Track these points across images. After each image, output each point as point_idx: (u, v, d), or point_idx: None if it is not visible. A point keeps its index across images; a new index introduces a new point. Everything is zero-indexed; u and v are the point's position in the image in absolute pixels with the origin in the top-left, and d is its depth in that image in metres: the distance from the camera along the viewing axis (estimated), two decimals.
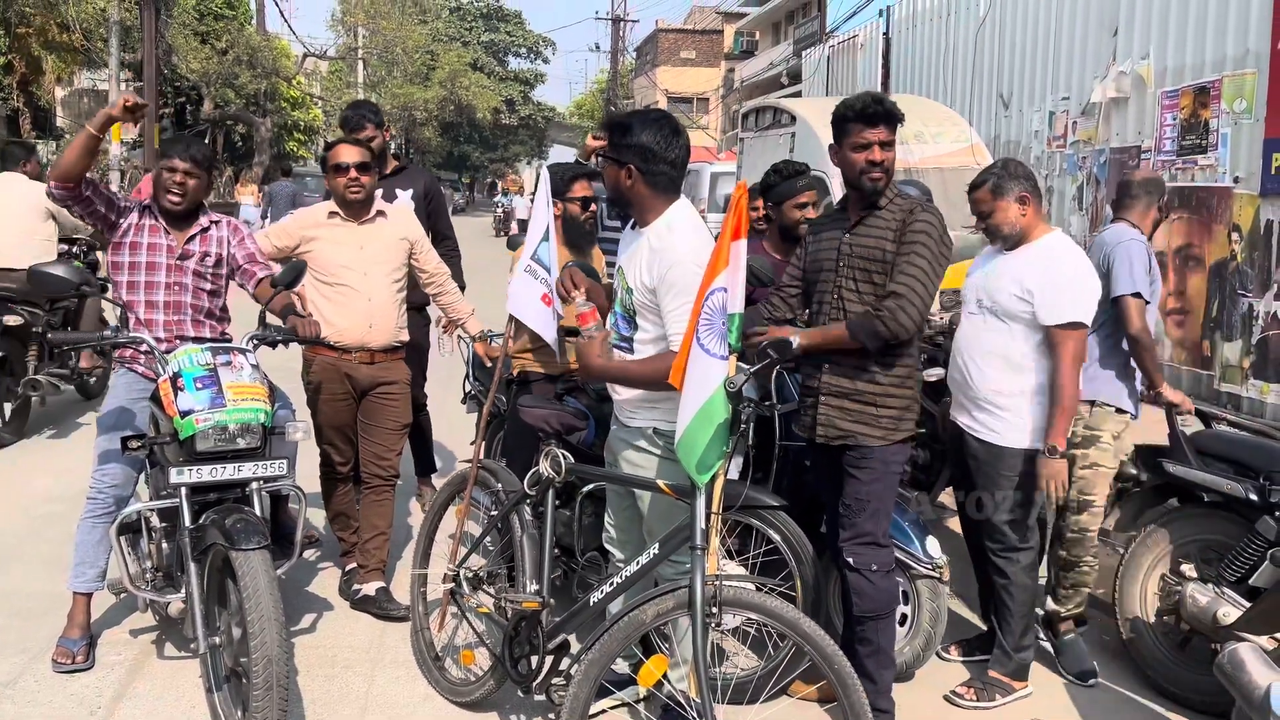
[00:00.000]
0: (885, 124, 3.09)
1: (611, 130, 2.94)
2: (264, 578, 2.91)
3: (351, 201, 3.98)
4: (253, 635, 2.85)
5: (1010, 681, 3.54)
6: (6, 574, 4.40)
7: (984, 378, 3.50)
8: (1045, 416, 3.39)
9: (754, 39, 40.69)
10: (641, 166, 2.87)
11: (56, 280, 3.34)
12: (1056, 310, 3.35)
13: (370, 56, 33.84)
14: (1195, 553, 3.62)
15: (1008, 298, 3.44)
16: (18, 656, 3.66)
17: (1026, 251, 3.48)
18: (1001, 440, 3.46)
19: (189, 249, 3.66)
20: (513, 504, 3.28)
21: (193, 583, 3.12)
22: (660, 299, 2.85)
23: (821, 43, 18.83)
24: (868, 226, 3.13)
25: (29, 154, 7.04)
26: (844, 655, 2.55)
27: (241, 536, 2.95)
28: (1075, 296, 3.37)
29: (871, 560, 3.16)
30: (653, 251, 2.88)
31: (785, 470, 3.74)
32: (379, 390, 4.09)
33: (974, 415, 3.54)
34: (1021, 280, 3.42)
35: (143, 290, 3.62)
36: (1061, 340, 3.34)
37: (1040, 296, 3.36)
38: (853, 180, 3.15)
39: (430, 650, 3.60)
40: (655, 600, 2.63)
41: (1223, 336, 7.68)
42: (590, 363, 2.93)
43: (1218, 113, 7.77)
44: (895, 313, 2.98)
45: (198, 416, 3.13)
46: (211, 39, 24.12)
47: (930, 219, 3.05)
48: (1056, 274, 3.39)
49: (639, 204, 2.94)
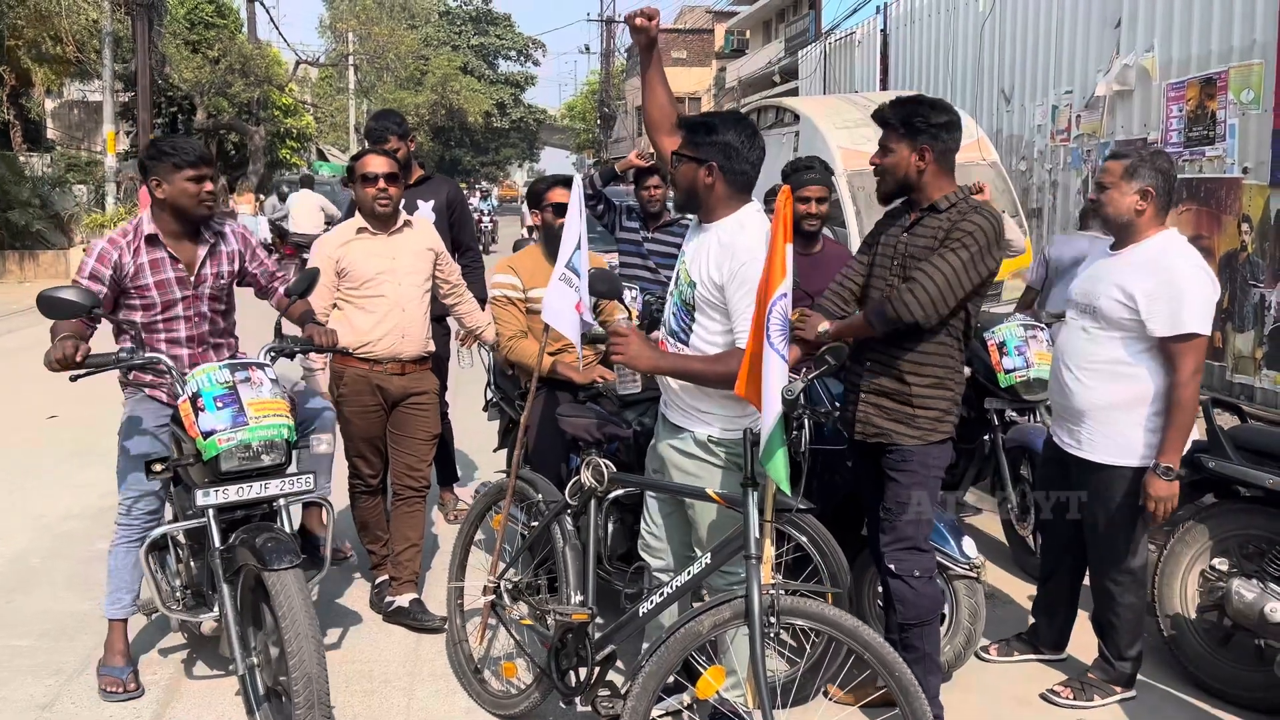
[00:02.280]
0: (883, 128, 3.13)
1: (693, 129, 2.94)
2: (298, 596, 2.88)
3: (380, 213, 3.96)
4: (291, 655, 2.83)
5: (1107, 684, 3.53)
6: (33, 595, 4.36)
7: (1085, 390, 3.40)
8: (1150, 431, 3.27)
9: (744, 38, 40.67)
10: (723, 165, 2.88)
11: (67, 304, 3.14)
12: (1172, 320, 3.17)
13: (361, 62, 33.79)
14: (1235, 548, 3.60)
15: (1109, 302, 3.29)
16: (51, 678, 3.63)
17: (1133, 253, 3.32)
18: (1104, 458, 3.37)
19: (202, 274, 3.51)
20: (554, 514, 3.26)
21: (226, 604, 3.09)
22: (730, 295, 2.83)
23: (818, 40, 18.82)
24: (925, 226, 3.09)
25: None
26: (904, 662, 2.53)
27: (273, 556, 2.92)
28: (1192, 305, 3.17)
29: (914, 566, 3.13)
30: (723, 247, 2.87)
31: (815, 473, 3.73)
32: (410, 401, 4.07)
33: (1075, 431, 3.45)
34: (1124, 284, 3.26)
35: (161, 329, 3.46)
36: (1181, 353, 3.17)
37: (1150, 304, 3.20)
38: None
39: (470, 663, 3.58)
40: (711, 611, 2.60)
41: (1234, 328, 7.68)
42: (640, 352, 2.91)
43: (1224, 104, 7.77)
44: (904, 295, 2.96)
45: (220, 436, 3.07)
46: (203, 48, 24.05)
47: (980, 221, 3.00)
48: (1168, 280, 3.19)
49: (713, 202, 2.93)
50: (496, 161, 63.80)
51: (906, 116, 3.06)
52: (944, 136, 3.06)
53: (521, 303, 4.19)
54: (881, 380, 3.13)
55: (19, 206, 16.45)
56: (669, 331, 3.05)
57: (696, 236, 3.01)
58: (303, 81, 31.68)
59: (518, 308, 4.20)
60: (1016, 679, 3.73)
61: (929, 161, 3.06)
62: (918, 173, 3.07)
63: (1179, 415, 3.21)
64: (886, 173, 3.14)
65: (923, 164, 3.06)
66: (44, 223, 16.91)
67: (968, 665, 3.70)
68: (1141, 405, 3.30)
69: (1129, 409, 3.32)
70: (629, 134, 51.72)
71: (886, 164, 3.13)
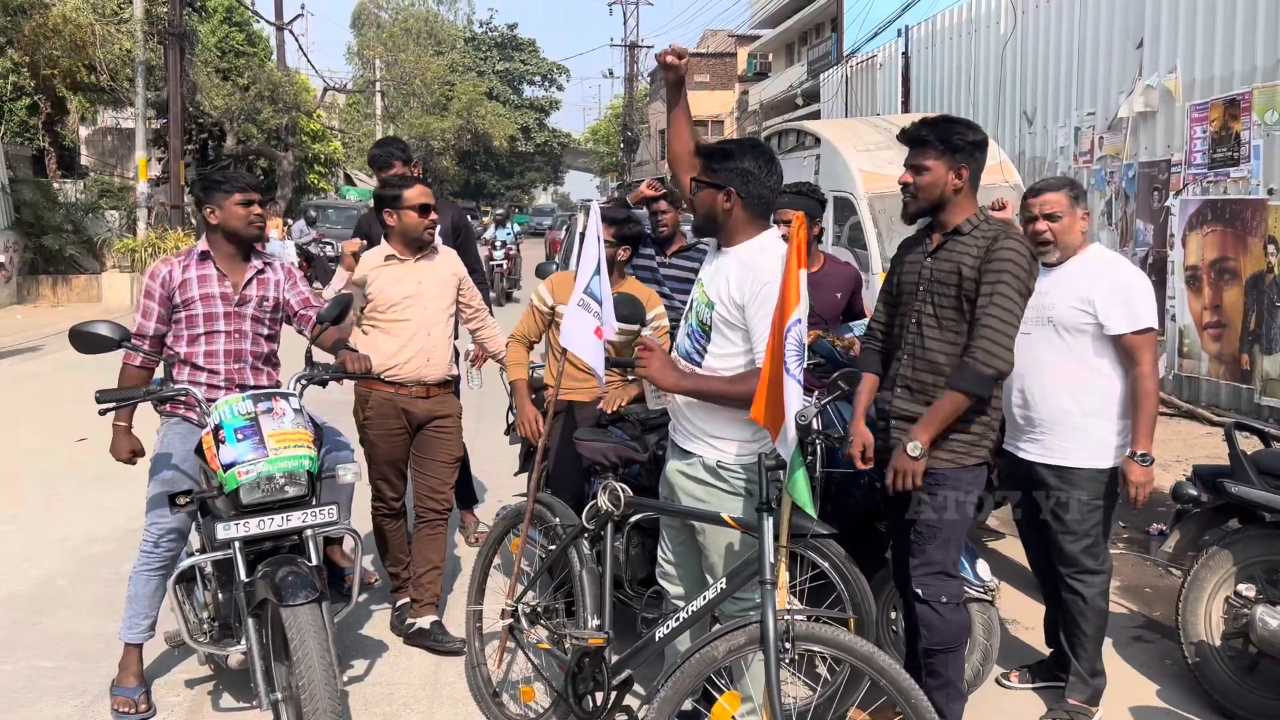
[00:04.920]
0: (916, 146, 3.11)
1: (710, 156, 2.99)
2: (312, 637, 2.86)
3: (427, 241, 4.05)
4: (303, 691, 2.82)
5: (1087, 706, 3.50)
6: (58, 617, 4.42)
7: (1048, 397, 3.45)
8: (1116, 432, 3.38)
9: (767, 61, 40.85)
10: (741, 190, 2.92)
11: (99, 340, 3.23)
12: (1130, 317, 3.33)
13: (388, 88, 34.22)
14: (1261, 574, 3.56)
15: (1067, 311, 3.40)
16: (76, 700, 3.67)
17: (1075, 265, 3.46)
18: (1074, 462, 3.41)
19: (246, 294, 3.63)
20: (570, 538, 3.27)
21: (251, 639, 3.07)
22: (750, 315, 2.85)
23: (841, 63, 18.88)
24: (948, 250, 3.07)
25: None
26: (920, 690, 2.52)
27: (289, 592, 2.91)
28: (1142, 301, 3.36)
29: (941, 592, 3.10)
30: (743, 267, 2.89)
31: (829, 496, 3.73)
32: (434, 424, 4.11)
33: (1041, 440, 3.49)
34: (1078, 292, 3.39)
35: (203, 341, 3.56)
36: (1139, 347, 3.34)
37: (1106, 306, 3.35)
38: None
39: (488, 686, 3.59)
40: (727, 636, 2.60)
41: (1262, 350, 7.61)
42: (663, 370, 2.92)
43: (1248, 125, 7.73)
44: (991, 352, 2.92)
45: (240, 469, 3.08)
46: (234, 76, 24.45)
47: (1016, 246, 2.99)
48: (1115, 282, 3.37)
49: (732, 226, 2.96)
50: (521, 185, 64.28)
51: (945, 134, 3.06)
52: (978, 156, 3.07)
53: (543, 315, 4.23)
54: (915, 405, 3.10)
55: (53, 232, 16.77)
56: (682, 354, 3.06)
57: (715, 260, 3.04)
58: (330, 107, 32.12)
59: (537, 317, 4.24)
60: (1039, 706, 3.69)
61: (964, 181, 3.06)
62: (954, 191, 3.06)
63: (1146, 405, 3.33)
64: (921, 191, 3.10)
65: (959, 183, 3.06)
66: (77, 247, 17.22)
67: (989, 692, 3.67)
68: (1110, 405, 3.42)
69: (1098, 410, 3.41)
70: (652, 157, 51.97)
71: (922, 182, 3.09)
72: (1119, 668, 3.70)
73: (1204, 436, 7.53)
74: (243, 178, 3.63)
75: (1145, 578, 4.96)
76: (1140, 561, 5.16)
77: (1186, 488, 3.77)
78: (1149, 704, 3.73)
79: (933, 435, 2.99)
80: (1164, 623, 4.35)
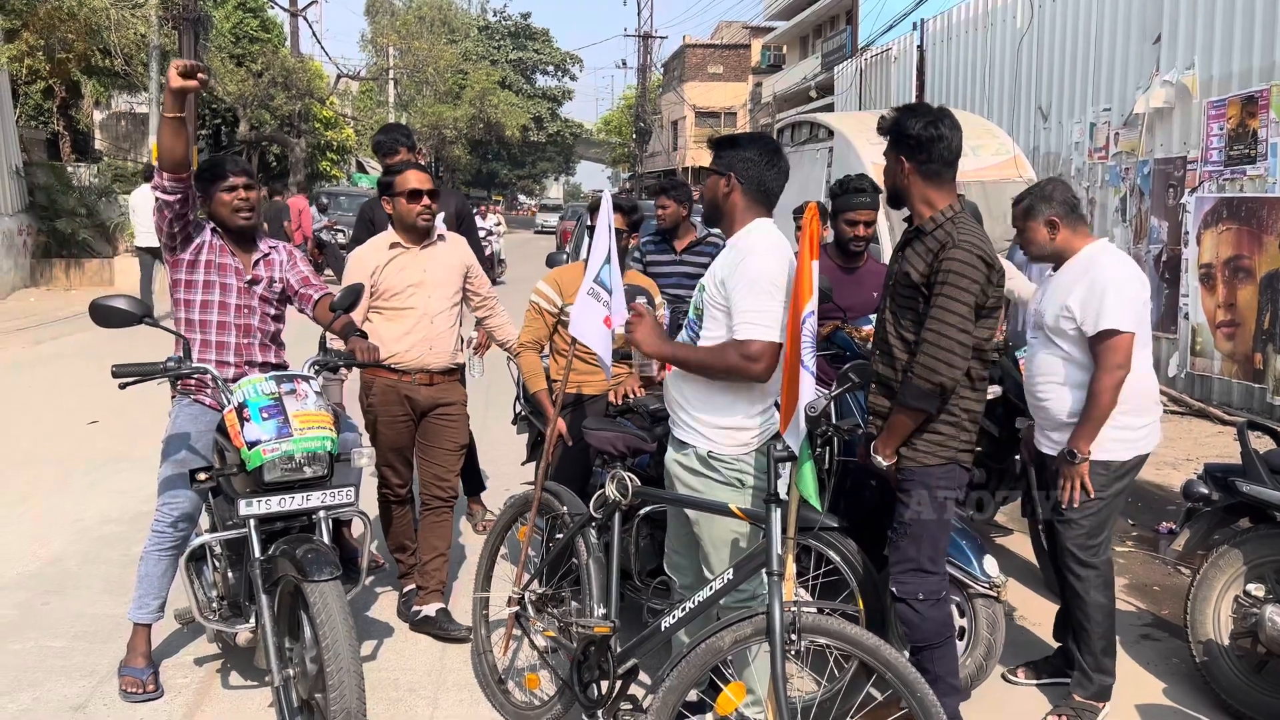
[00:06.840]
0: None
1: (718, 145, 3.03)
2: (338, 609, 2.88)
3: (422, 227, 4.03)
4: (329, 666, 2.83)
5: (1094, 703, 3.50)
6: (70, 597, 4.45)
7: (1052, 400, 3.48)
8: (1113, 426, 3.37)
9: (781, 53, 40.71)
10: (740, 176, 2.95)
11: (119, 313, 3.26)
12: (1096, 319, 3.31)
13: (401, 76, 34.22)
14: (1271, 574, 3.54)
15: (1054, 317, 3.43)
16: (85, 679, 3.70)
17: (1067, 269, 3.50)
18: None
19: (256, 274, 3.68)
20: (578, 527, 3.27)
21: (265, 615, 3.09)
22: (730, 290, 2.86)
23: (855, 56, 18.80)
24: (914, 251, 3.04)
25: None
26: (925, 682, 2.52)
27: (314, 568, 2.92)
28: (1112, 303, 3.29)
29: (918, 589, 3.07)
30: (730, 248, 2.97)
31: (842, 489, 3.72)
32: (438, 411, 4.11)
33: (1052, 438, 3.51)
34: (1062, 297, 3.41)
35: (216, 311, 3.61)
36: (1102, 350, 3.30)
37: (1082, 310, 3.34)
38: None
39: (494, 673, 3.60)
40: (733, 627, 2.60)
41: (1275, 349, 7.56)
42: (649, 336, 2.97)
43: (1266, 122, 7.67)
44: (931, 367, 2.89)
45: (265, 447, 3.11)
46: (247, 62, 24.49)
47: (960, 255, 2.88)
48: (1092, 283, 3.35)
49: (731, 213, 2.99)
50: (533, 175, 64.26)
51: (889, 126, 3.07)
52: (923, 148, 2.98)
53: (553, 316, 4.22)
54: (882, 401, 3.13)
55: (66, 215, 16.83)
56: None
57: (719, 254, 3.08)
58: (343, 95, 32.15)
59: (545, 320, 4.23)
60: (1043, 702, 3.68)
61: (908, 174, 3.03)
62: (904, 185, 3.06)
63: (1094, 407, 3.31)
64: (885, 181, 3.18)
65: (904, 177, 3.05)
66: (90, 231, 17.27)
67: (994, 687, 3.66)
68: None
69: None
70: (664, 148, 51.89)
71: (884, 173, 3.15)
72: (1126, 665, 3.68)
73: (1214, 435, 7.50)
74: (222, 160, 3.66)
75: (1154, 576, 4.94)
76: (1149, 560, 5.14)
77: (1197, 486, 3.76)
78: (1156, 702, 3.72)
79: (894, 447, 3.04)
80: (1172, 621, 4.34)
